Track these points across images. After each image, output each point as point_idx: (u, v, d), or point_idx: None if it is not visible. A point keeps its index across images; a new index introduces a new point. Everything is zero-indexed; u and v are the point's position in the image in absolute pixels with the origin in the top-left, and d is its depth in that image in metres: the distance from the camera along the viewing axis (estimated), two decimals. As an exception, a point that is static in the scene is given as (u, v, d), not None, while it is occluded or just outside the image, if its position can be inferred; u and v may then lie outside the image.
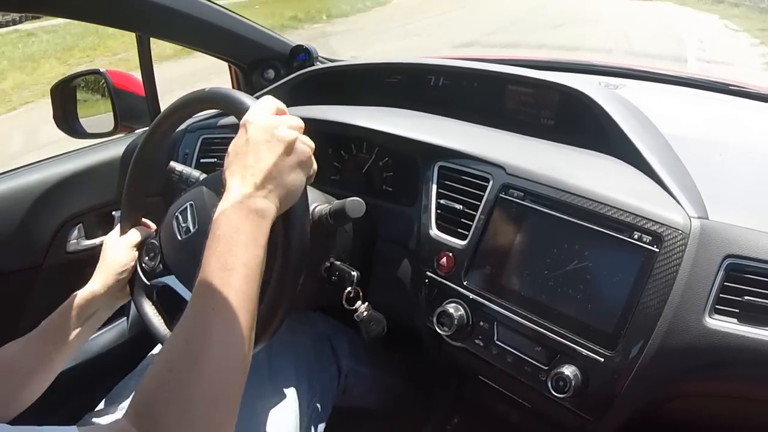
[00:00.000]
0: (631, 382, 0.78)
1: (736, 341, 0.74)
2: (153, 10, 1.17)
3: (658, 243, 0.77)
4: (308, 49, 1.49)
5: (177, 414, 0.50)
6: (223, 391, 0.53)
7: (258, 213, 0.62)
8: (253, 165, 0.64)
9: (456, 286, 0.94)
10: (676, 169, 0.90)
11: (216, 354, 0.54)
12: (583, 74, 1.40)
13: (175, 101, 0.89)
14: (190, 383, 0.51)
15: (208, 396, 0.52)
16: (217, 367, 0.53)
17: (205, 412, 0.51)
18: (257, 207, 0.62)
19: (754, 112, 1.21)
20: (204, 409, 0.51)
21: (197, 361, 0.53)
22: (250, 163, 0.64)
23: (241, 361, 0.56)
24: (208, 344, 0.54)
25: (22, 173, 1.21)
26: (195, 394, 0.51)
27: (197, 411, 0.51)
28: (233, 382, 0.55)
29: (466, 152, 0.98)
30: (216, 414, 0.52)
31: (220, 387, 0.53)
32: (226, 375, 0.54)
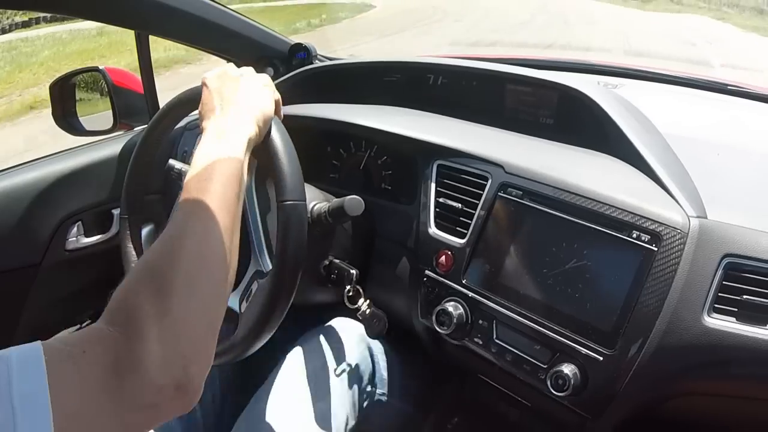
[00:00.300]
0: (630, 380, 0.78)
1: (734, 340, 0.74)
2: (152, 8, 1.16)
3: (657, 242, 0.77)
4: (307, 47, 1.49)
5: (150, 305, 0.48)
6: (199, 282, 0.52)
7: (229, 135, 0.65)
8: (219, 104, 0.68)
9: (455, 285, 0.94)
10: (674, 168, 0.90)
11: (192, 247, 0.53)
12: (582, 74, 1.40)
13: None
14: (164, 274, 0.50)
15: (183, 286, 0.50)
16: (194, 258, 0.52)
17: (180, 303, 0.49)
18: (227, 130, 0.65)
19: (753, 113, 1.21)
20: (179, 299, 0.49)
21: (173, 254, 0.52)
22: (217, 104, 0.68)
23: (220, 257, 0.55)
24: (185, 238, 0.54)
25: (20, 171, 1.21)
26: (170, 285, 0.50)
27: (172, 302, 0.49)
28: (211, 276, 0.53)
29: (465, 151, 0.98)
30: (191, 304, 0.50)
31: (195, 278, 0.52)
32: (202, 266, 0.53)
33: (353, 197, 0.88)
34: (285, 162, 0.74)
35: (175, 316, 0.48)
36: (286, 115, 0.83)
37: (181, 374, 0.47)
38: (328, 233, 0.97)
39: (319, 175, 1.22)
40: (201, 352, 0.50)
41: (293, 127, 0.83)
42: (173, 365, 0.47)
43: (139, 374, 0.45)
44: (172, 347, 0.47)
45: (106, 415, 0.44)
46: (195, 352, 0.49)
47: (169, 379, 0.46)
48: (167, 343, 0.47)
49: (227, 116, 0.67)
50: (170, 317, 0.48)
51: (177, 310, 0.49)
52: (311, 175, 1.15)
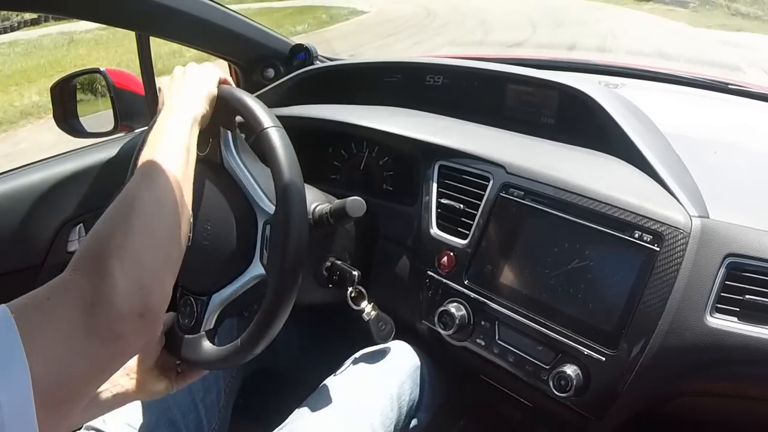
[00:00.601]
0: (633, 381, 0.78)
1: (737, 340, 0.74)
2: (153, 9, 1.16)
3: (659, 242, 0.77)
4: (308, 48, 1.49)
5: (111, 246, 0.53)
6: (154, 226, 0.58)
7: (174, 108, 0.73)
8: (168, 97, 0.76)
9: (457, 286, 0.94)
10: (676, 168, 0.90)
11: (147, 197, 0.59)
12: (583, 73, 1.40)
13: None
14: (123, 221, 0.56)
15: (140, 228, 0.56)
16: (148, 206, 0.59)
17: (138, 241, 0.55)
18: (174, 109, 0.73)
19: (755, 112, 1.21)
20: (137, 238, 0.55)
21: (130, 205, 0.58)
22: (166, 99, 0.76)
23: (172, 205, 0.61)
24: (140, 191, 0.60)
25: (22, 173, 1.21)
26: (129, 228, 0.55)
27: (130, 241, 0.54)
28: (165, 221, 0.60)
29: (466, 151, 0.98)
30: (147, 242, 0.56)
31: (151, 222, 0.58)
32: (156, 213, 0.59)
33: (355, 198, 0.87)
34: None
35: (133, 252, 0.54)
36: (286, 116, 0.83)
37: (143, 303, 0.52)
38: (329, 234, 0.97)
39: (320, 176, 1.22)
40: (159, 283, 0.56)
41: (294, 127, 0.82)
42: (135, 295, 0.52)
43: (104, 306, 0.49)
44: (134, 279, 0.52)
45: (78, 352, 0.47)
46: (154, 283, 0.54)
47: (132, 308, 0.51)
48: (128, 277, 0.52)
49: (172, 103, 0.74)
50: (129, 254, 0.53)
51: (135, 248, 0.54)
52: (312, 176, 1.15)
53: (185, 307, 0.84)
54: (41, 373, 0.44)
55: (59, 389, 0.46)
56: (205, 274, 0.83)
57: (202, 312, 0.82)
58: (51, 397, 0.45)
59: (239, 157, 0.83)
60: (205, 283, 0.83)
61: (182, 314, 0.84)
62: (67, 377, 0.47)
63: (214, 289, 0.82)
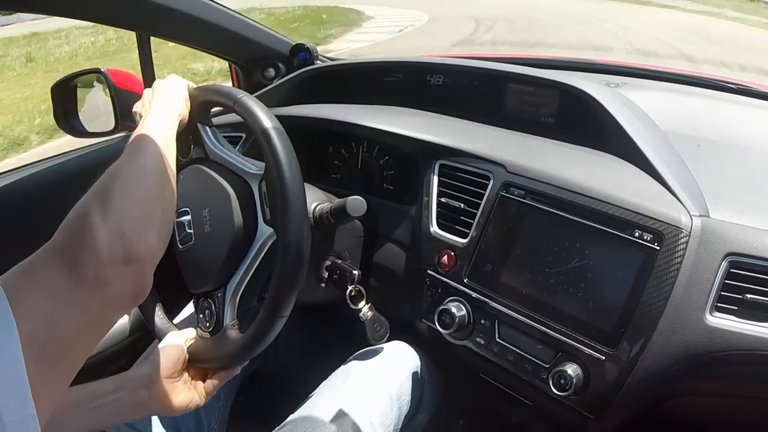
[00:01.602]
0: (633, 380, 0.78)
1: (737, 339, 0.74)
2: (153, 9, 1.16)
3: (660, 241, 0.77)
4: (308, 47, 1.49)
5: (93, 208, 0.55)
6: (135, 189, 0.61)
7: (154, 112, 0.77)
8: (149, 106, 0.79)
9: (457, 285, 0.94)
10: (677, 167, 0.90)
11: (128, 170, 0.63)
12: (583, 72, 1.40)
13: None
14: (105, 190, 0.59)
15: (122, 192, 0.59)
16: (130, 175, 0.62)
17: (119, 200, 0.58)
18: (153, 110, 0.77)
19: (757, 111, 1.21)
20: (118, 198, 0.58)
21: (113, 177, 0.61)
22: (146, 107, 0.80)
23: (154, 175, 0.65)
24: (121, 167, 0.63)
25: (22, 173, 1.21)
26: (110, 193, 0.58)
27: (112, 199, 0.57)
28: (146, 187, 0.63)
29: (466, 150, 0.98)
30: (128, 202, 0.59)
31: (132, 187, 0.61)
32: (137, 180, 0.62)
33: (355, 197, 0.88)
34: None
35: (114, 207, 0.56)
36: (287, 115, 0.83)
37: (126, 251, 0.54)
38: (329, 233, 0.97)
39: (321, 175, 1.22)
40: (141, 234, 0.57)
41: (294, 127, 0.82)
42: (117, 243, 0.54)
43: (87, 254, 0.52)
44: (114, 229, 0.55)
45: (66, 304, 0.49)
46: (135, 234, 0.56)
47: (114, 255, 0.53)
48: (109, 227, 0.54)
49: (150, 108, 0.79)
50: (110, 208, 0.56)
51: (115, 204, 0.57)
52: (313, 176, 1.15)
53: (203, 311, 0.83)
54: (32, 331, 0.45)
55: (53, 345, 0.47)
56: (214, 262, 0.81)
57: (221, 307, 0.80)
58: (46, 354, 0.46)
59: (221, 146, 0.85)
60: (217, 273, 0.81)
61: (202, 321, 0.83)
62: (59, 331, 0.48)
63: (226, 278, 0.80)
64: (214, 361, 0.79)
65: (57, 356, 0.47)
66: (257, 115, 0.75)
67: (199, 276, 0.84)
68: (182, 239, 0.85)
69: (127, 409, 0.75)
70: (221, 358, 0.79)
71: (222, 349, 0.78)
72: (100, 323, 0.54)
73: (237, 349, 0.77)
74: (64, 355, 0.49)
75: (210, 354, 0.79)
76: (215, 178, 0.82)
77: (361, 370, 0.99)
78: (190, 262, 0.85)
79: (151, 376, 0.77)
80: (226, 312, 0.80)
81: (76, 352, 0.50)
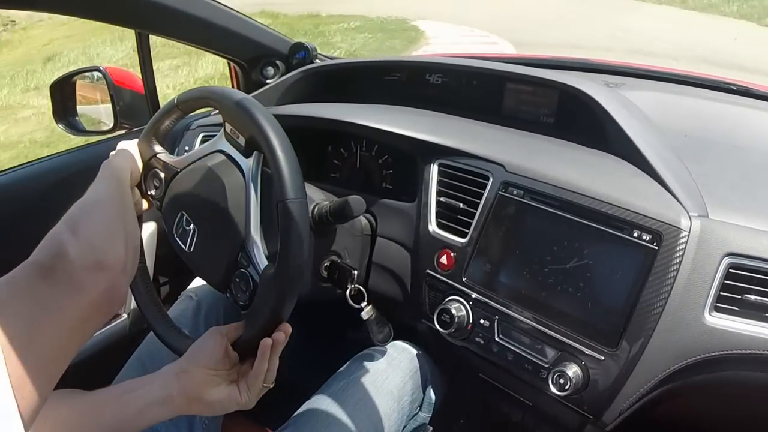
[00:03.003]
0: (632, 380, 0.78)
1: (736, 339, 0.74)
2: (152, 8, 1.16)
3: (658, 241, 0.77)
4: (307, 46, 1.49)
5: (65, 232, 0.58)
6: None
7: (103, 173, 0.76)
8: None
9: (456, 284, 0.94)
10: (675, 167, 0.90)
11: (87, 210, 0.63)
12: (582, 72, 1.40)
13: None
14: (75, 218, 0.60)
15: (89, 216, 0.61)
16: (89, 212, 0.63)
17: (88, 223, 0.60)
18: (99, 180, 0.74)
19: (756, 111, 1.21)
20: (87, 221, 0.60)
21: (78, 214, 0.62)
22: None
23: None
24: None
25: (21, 171, 1.21)
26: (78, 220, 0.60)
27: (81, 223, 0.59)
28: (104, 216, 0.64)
29: (466, 150, 0.98)
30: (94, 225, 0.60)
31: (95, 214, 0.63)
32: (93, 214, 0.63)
33: (354, 197, 0.88)
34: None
35: (83, 228, 0.59)
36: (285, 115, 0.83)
37: (98, 258, 0.57)
38: (329, 233, 0.97)
39: (320, 174, 1.22)
40: (111, 245, 0.60)
41: (293, 126, 0.82)
42: (89, 252, 0.57)
43: (62, 260, 0.54)
44: (86, 241, 0.57)
45: (44, 309, 0.51)
46: (106, 243, 0.59)
47: (88, 261, 0.56)
48: (81, 241, 0.57)
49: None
50: (80, 230, 0.58)
51: (84, 225, 0.59)
52: (312, 175, 1.15)
53: (237, 289, 0.78)
54: (13, 334, 0.46)
55: (34, 347, 0.49)
56: (225, 227, 0.79)
57: (251, 261, 0.76)
58: (28, 356, 0.47)
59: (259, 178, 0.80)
60: (233, 234, 0.78)
61: (239, 296, 0.78)
62: (39, 335, 0.50)
63: (244, 232, 0.77)
64: (263, 322, 0.73)
65: (38, 358, 0.49)
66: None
67: (216, 251, 0.81)
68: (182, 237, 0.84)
69: (155, 402, 0.71)
70: (269, 312, 0.73)
71: (267, 302, 0.72)
72: (80, 327, 0.55)
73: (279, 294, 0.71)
74: (46, 356, 0.50)
75: (257, 316, 0.74)
76: (203, 165, 0.81)
77: (364, 371, 0.99)
78: (201, 249, 0.82)
79: (182, 366, 0.73)
80: (259, 257, 0.75)
81: (58, 354, 0.52)
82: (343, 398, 0.93)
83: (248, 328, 0.76)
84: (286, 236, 0.70)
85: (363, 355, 1.02)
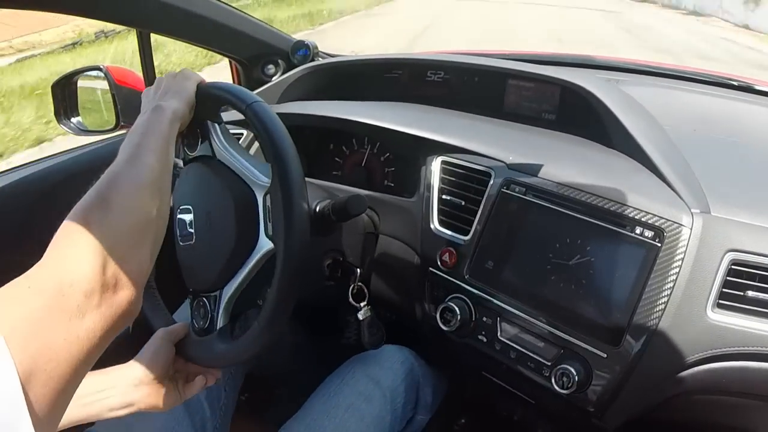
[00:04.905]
0: (635, 377, 0.78)
1: (739, 335, 0.74)
2: (153, 6, 1.16)
3: (660, 238, 0.77)
4: (308, 44, 1.49)
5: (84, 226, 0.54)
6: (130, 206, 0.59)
7: (155, 109, 0.74)
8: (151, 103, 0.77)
9: (459, 282, 0.94)
10: (677, 163, 0.90)
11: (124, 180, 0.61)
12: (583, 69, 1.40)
13: None
14: (97, 204, 0.57)
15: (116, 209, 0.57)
16: (124, 187, 0.60)
17: (111, 219, 0.56)
18: (154, 106, 0.74)
19: (758, 107, 1.21)
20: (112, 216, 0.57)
21: (108, 186, 0.60)
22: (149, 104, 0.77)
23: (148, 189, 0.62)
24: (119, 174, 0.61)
25: (23, 171, 1.21)
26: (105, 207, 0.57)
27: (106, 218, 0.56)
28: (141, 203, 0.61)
29: (467, 148, 0.98)
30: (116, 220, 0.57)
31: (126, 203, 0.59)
32: (131, 195, 0.60)
33: (356, 195, 0.88)
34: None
35: (107, 227, 0.55)
36: (287, 113, 0.82)
37: (116, 274, 0.53)
38: (331, 231, 0.97)
39: (322, 172, 1.22)
40: (136, 256, 0.57)
41: (295, 125, 0.82)
42: (108, 266, 0.53)
43: (71, 283, 0.50)
44: (106, 251, 0.53)
45: (54, 333, 0.48)
46: (129, 254, 0.56)
47: (106, 278, 0.52)
48: (99, 251, 0.53)
49: (157, 97, 0.78)
50: (103, 231, 0.54)
51: (109, 222, 0.56)
52: (314, 173, 1.15)
53: (199, 309, 0.83)
54: (23, 359, 0.44)
55: (43, 372, 0.47)
56: (213, 266, 0.81)
57: (215, 309, 0.81)
58: (38, 380, 0.46)
59: (229, 146, 0.83)
60: (215, 276, 0.81)
61: (197, 317, 0.83)
62: (48, 360, 0.47)
63: (223, 282, 0.80)
64: (200, 360, 0.81)
65: (49, 381, 0.47)
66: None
67: (196, 275, 0.84)
68: (183, 237, 0.85)
69: (117, 406, 0.77)
70: (207, 359, 0.80)
71: (210, 351, 0.79)
72: (91, 349, 0.52)
73: (224, 353, 0.78)
74: (57, 379, 0.48)
75: (198, 353, 0.80)
76: (220, 183, 0.81)
77: (355, 374, 0.99)
78: (190, 261, 0.85)
79: (141, 378, 0.78)
80: (220, 315, 0.80)
81: (68, 375, 0.49)
82: (336, 402, 0.93)
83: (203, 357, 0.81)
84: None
85: (357, 358, 1.03)
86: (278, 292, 0.73)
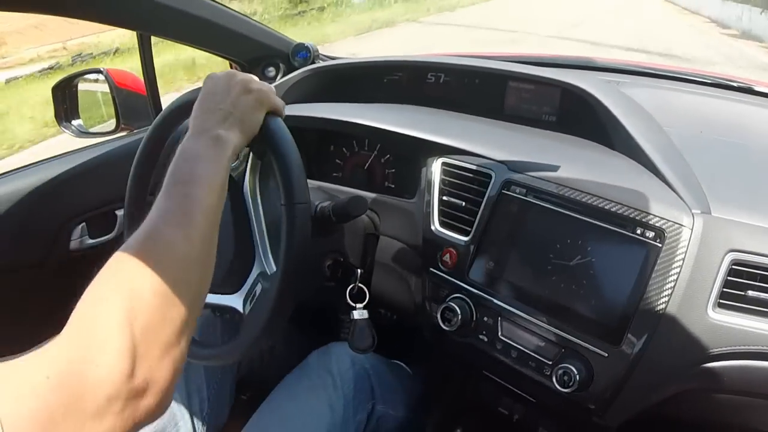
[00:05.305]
0: (636, 376, 0.78)
1: (739, 335, 0.74)
2: (153, 9, 1.16)
3: (661, 238, 0.77)
4: (308, 47, 1.49)
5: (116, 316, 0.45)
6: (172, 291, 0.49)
7: (218, 140, 0.63)
8: (220, 108, 0.67)
9: (459, 282, 0.94)
10: (678, 164, 0.90)
11: (169, 254, 0.51)
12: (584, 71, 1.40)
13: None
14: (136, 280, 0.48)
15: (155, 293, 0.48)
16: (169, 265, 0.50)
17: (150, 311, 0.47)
18: (217, 135, 0.64)
19: (759, 109, 1.21)
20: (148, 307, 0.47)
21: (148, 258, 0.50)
22: (217, 107, 0.67)
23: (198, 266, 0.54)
24: (161, 242, 0.51)
25: (25, 172, 1.21)
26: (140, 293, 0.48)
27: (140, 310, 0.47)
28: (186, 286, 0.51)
29: (468, 149, 0.98)
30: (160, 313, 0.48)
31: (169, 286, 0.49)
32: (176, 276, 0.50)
33: (357, 196, 0.88)
34: (289, 164, 0.73)
35: (142, 326, 0.46)
36: (288, 115, 0.82)
37: (146, 377, 0.45)
38: (331, 232, 0.97)
39: (323, 173, 1.22)
40: (167, 359, 0.48)
41: (296, 127, 0.82)
42: (137, 369, 0.45)
43: (101, 380, 0.43)
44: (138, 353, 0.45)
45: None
46: (161, 359, 0.47)
47: (133, 384, 0.44)
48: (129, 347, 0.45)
49: (224, 122, 0.66)
50: (137, 328, 0.46)
51: (145, 319, 0.46)
52: (315, 174, 1.15)
53: None
54: None
55: None
56: None
57: None
58: None
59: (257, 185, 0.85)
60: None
61: None
62: None
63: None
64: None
65: None
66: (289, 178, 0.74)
67: None
68: None
69: None
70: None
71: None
72: None
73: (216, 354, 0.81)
74: None
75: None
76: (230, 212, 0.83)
77: (312, 364, 1.03)
78: None
79: None
80: None
81: None
82: (298, 388, 0.98)
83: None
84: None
85: (316, 351, 1.06)
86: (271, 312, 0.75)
